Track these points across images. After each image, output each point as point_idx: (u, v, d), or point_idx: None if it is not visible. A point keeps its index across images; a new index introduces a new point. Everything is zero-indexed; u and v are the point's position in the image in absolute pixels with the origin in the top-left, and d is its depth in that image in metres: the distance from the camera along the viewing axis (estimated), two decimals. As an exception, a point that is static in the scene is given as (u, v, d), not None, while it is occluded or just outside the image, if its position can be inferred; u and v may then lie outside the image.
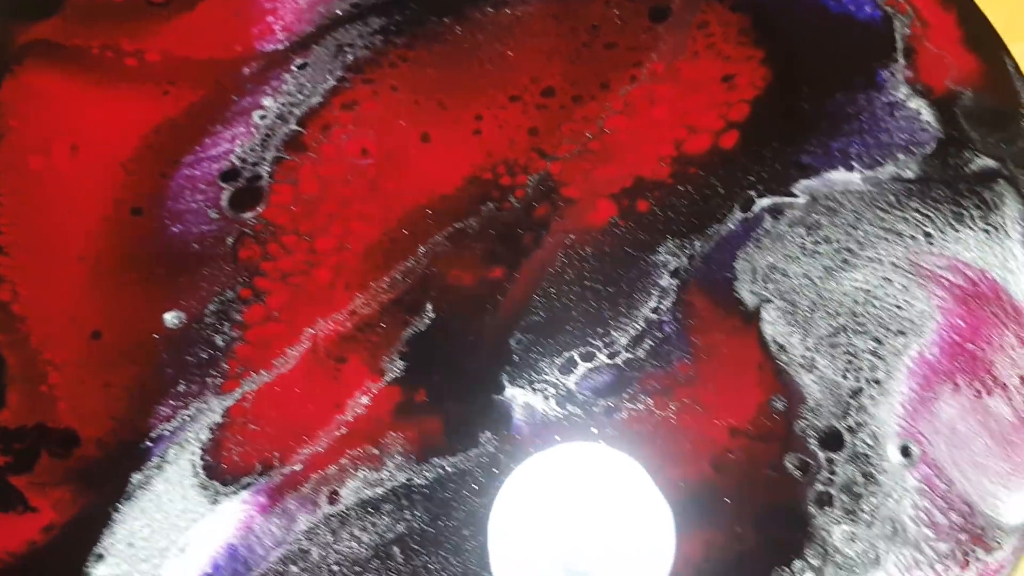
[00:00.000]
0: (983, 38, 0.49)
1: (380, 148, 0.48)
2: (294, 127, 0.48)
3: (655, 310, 0.43)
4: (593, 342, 0.43)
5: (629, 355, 0.43)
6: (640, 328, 0.43)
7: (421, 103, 0.49)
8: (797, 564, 0.38)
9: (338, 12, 0.51)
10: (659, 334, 0.43)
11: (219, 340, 0.43)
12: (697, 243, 0.45)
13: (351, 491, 0.40)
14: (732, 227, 0.45)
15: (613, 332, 0.43)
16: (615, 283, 0.44)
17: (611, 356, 0.42)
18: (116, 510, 0.40)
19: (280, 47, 0.50)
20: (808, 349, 0.42)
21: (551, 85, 0.49)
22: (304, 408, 0.42)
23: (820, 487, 0.40)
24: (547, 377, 0.42)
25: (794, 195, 0.45)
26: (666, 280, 0.44)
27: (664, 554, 0.38)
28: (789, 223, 0.45)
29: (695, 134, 0.47)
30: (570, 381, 0.42)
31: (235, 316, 0.44)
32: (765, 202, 0.45)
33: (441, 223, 0.46)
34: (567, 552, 0.38)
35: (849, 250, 0.44)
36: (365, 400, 0.42)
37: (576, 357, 0.42)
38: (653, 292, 0.44)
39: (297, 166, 0.47)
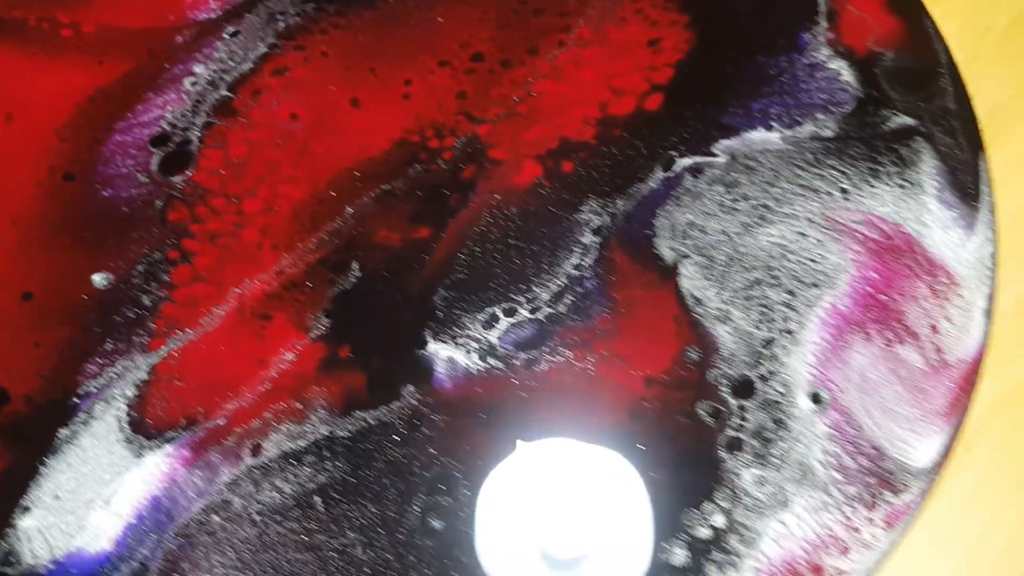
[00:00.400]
0: (904, 1, 0.50)
1: (310, 112, 0.48)
2: (225, 93, 0.49)
3: (577, 267, 0.44)
4: (515, 298, 0.43)
5: (550, 310, 0.43)
6: (562, 284, 0.44)
7: (351, 68, 0.50)
8: (707, 506, 0.39)
9: (271, -20, 0.51)
10: (580, 289, 0.44)
11: (146, 300, 0.44)
12: (619, 202, 0.45)
13: (274, 444, 0.41)
14: (653, 186, 0.46)
15: (535, 288, 0.44)
16: (539, 241, 0.45)
17: (533, 311, 0.43)
18: (43, 464, 0.41)
19: (213, 16, 0.51)
20: (723, 302, 0.43)
21: (480, 50, 0.50)
22: (229, 365, 0.43)
23: (731, 433, 0.40)
24: (470, 332, 0.43)
25: (714, 155, 0.46)
26: (588, 238, 0.45)
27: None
28: (708, 181, 0.46)
29: (620, 97, 0.48)
30: (492, 336, 0.43)
31: (163, 277, 0.45)
32: (686, 161, 0.46)
33: (369, 185, 0.47)
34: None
35: (766, 207, 0.45)
36: (290, 356, 0.43)
37: (499, 312, 0.43)
38: (575, 249, 0.45)
39: (227, 131, 0.48)
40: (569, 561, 0.39)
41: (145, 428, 0.41)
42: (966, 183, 0.45)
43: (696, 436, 0.41)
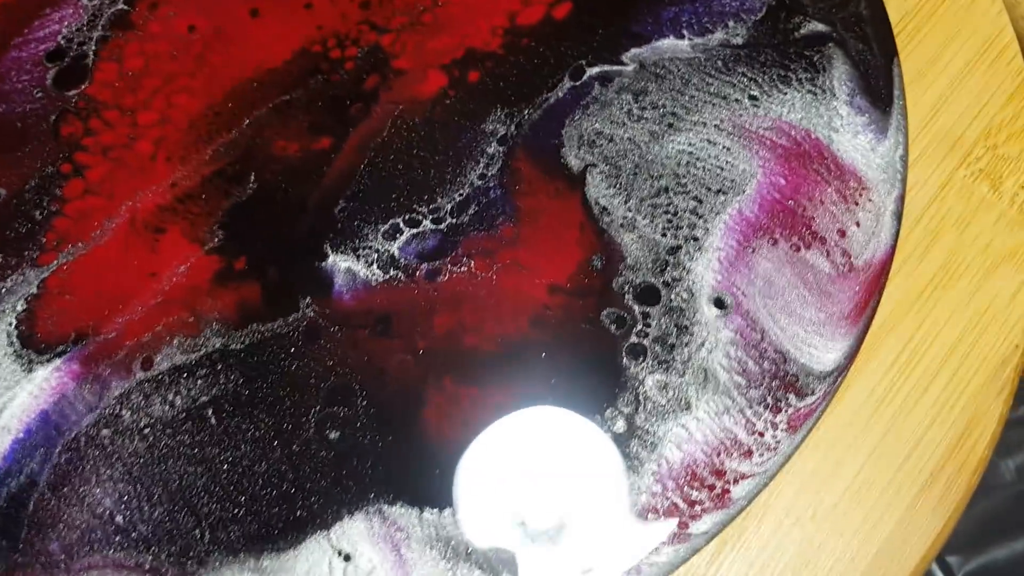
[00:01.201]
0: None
1: (208, 24, 0.47)
2: (122, 6, 0.47)
3: (482, 176, 0.43)
4: (419, 208, 0.42)
5: (454, 220, 0.42)
6: (466, 194, 0.43)
7: (252, -20, 0.48)
8: (608, 412, 0.38)
9: None
10: (484, 199, 0.43)
11: (38, 215, 0.43)
12: (526, 111, 0.44)
13: (165, 357, 0.40)
14: (561, 95, 0.45)
15: (439, 199, 0.43)
16: (443, 152, 0.44)
17: (436, 222, 0.42)
18: (-73, 380, 0.39)
19: (110, -73, 0.49)
20: (630, 210, 0.42)
21: (386, -40, 0.48)
22: (120, 278, 0.41)
23: (634, 339, 0.40)
24: (370, 244, 0.42)
25: (623, 63, 0.45)
26: (493, 147, 0.44)
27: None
28: (617, 90, 0.45)
29: (528, 6, 0.47)
30: (394, 247, 0.42)
31: (55, 191, 0.43)
32: (594, 70, 0.45)
33: (267, 96, 0.45)
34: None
35: (675, 114, 0.44)
36: (183, 269, 0.41)
37: (401, 224, 0.42)
38: (480, 159, 0.43)
39: (123, 44, 0.46)
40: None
41: (35, 342, 0.40)
42: (878, 88, 0.44)
43: (599, 343, 0.40)
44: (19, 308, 0.40)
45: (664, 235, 0.41)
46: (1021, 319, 0.40)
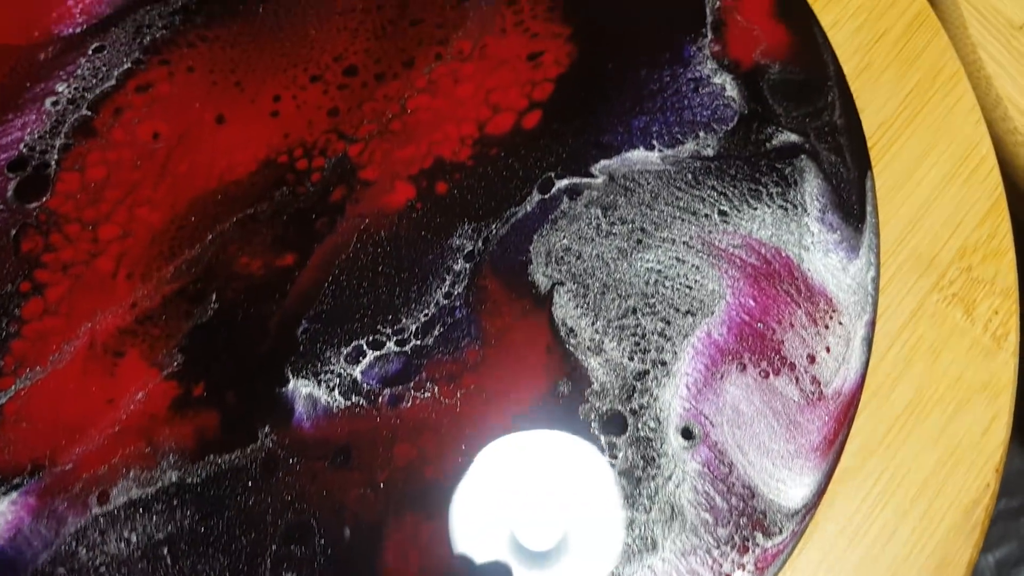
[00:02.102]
0: (794, 8, 0.48)
1: (173, 131, 0.46)
2: (85, 112, 0.46)
3: (447, 295, 0.42)
4: (382, 330, 0.42)
5: (418, 342, 0.42)
6: (431, 314, 0.42)
7: (218, 83, 0.47)
8: (570, 553, 0.37)
9: (137, -9, 0.49)
10: (450, 319, 0.42)
11: (-5, 336, 0.42)
12: (494, 226, 0.44)
13: (122, 491, 0.39)
14: (529, 209, 0.44)
15: (404, 319, 0.42)
16: (409, 268, 0.43)
17: (400, 343, 0.41)
18: None
19: (78, 30, 0.48)
20: (597, 332, 0.41)
21: (354, 63, 0.48)
22: (78, 405, 0.40)
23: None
24: (332, 367, 0.41)
25: (593, 175, 0.44)
26: (460, 264, 0.43)
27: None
28: (586, 203, 0.44)
29: (498, 113, 0.46)
30: (356, 371, 0.41)
31: (14, 311, 0.42)
32: (563, 183, 0.44)
33: (232, 209, 0.44)
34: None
35: (644, 230, 0.43)
36: (140, 396, 0.40)
37: (364, 345, 0.41)
38: (447, 277, 0.43)
39: (85, 152, 0.46)
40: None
41: (-12, 474, 0.39)
42: (851, 204, 0.44)
43: (562, 477, 0.39)
44: (-26, 437, 0.40)
45: (631, 359, 0.41)
46: (992, 457, 0.39)
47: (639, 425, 0.40)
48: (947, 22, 0.51)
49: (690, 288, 0.42)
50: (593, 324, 0.42)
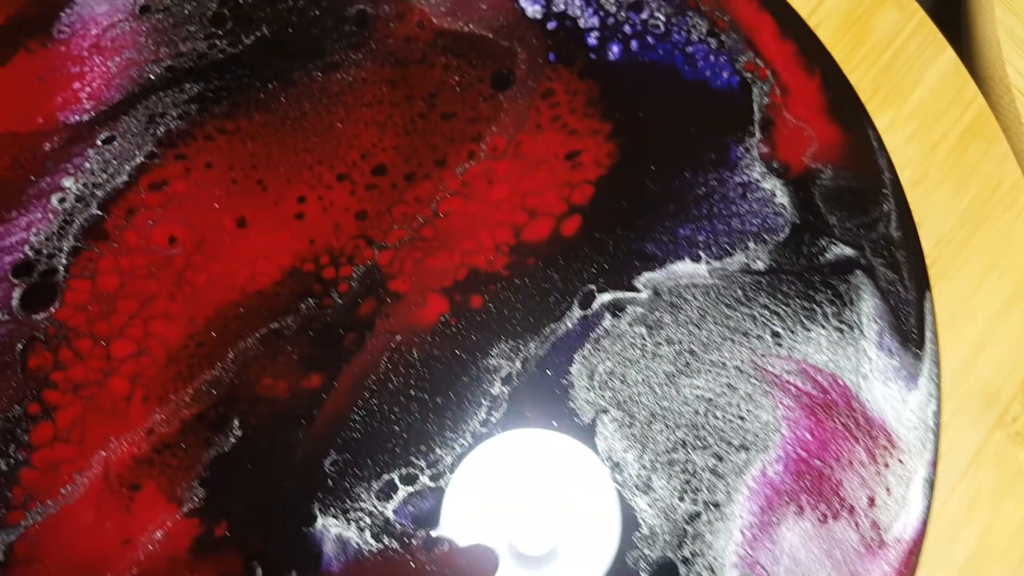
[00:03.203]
0: (847, 107, 0.46)
1: (190, 235, 0.43)
2: (95, 211, 0.43)
3: (484, 422, 0.39)
4: (416, 462, 0.39)
5: (453, 476, 0.38)
6: (467, 444, 0.39)
7: (239, 182, 0.44)
8: None
9: (151, 77, 0.46)
10: (487, 450, 0.39)
11: (3, 465, 0.38)
12: (532, 344, 0.41)
13: (139, 644, 0.36)
14: (570, 326, 0.41)
15: (438, 450, 0.39)
16: (443, 392, 0.40)
17: (434, 478, 0.38)
18: None
19: (85, 118, 0.45)
20: (644, 467, 0.38)
21: (383, 161, 0.45)
22: (92, 545, 0.38)
23: (650, 631, 0.36)
24: (363, 504, 0.38)
25: (636, 289, 0.42)
26: (497, 388, 0.40)
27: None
28: (630, 321, 0.41)
29: (535, 219, 0.43)
30: (388, 508, 0.38)
31: (21, 436, 0.39)
32: (605, 298, 0.42)
33: (254, 324, 0.41)
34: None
35: (692, 352, 0.41)
36: (159, 535, 0.37)
37: (396, 480, 0.38)
38: (483, 401, 0.40)
39: (96, 257, 0.42)
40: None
41: (-4, 624, 0.36)
42: (909, 327, 0.41)
43: (610, 635, 0.36)
44: (-20, 580, 0.37)
45: (682, 499, 0.38)
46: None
47: (691, 575, 0.37)
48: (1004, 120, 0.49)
49: (743, 419, 0.39)
50: (640, 458, 0.39)
